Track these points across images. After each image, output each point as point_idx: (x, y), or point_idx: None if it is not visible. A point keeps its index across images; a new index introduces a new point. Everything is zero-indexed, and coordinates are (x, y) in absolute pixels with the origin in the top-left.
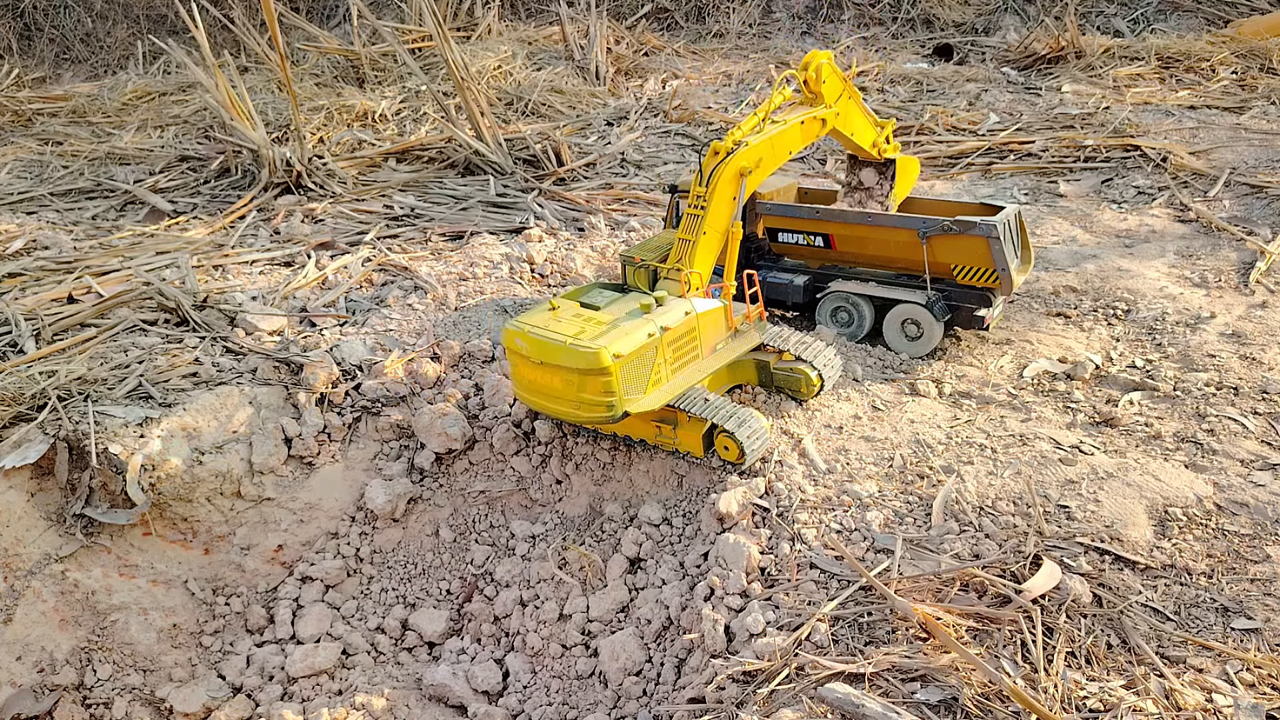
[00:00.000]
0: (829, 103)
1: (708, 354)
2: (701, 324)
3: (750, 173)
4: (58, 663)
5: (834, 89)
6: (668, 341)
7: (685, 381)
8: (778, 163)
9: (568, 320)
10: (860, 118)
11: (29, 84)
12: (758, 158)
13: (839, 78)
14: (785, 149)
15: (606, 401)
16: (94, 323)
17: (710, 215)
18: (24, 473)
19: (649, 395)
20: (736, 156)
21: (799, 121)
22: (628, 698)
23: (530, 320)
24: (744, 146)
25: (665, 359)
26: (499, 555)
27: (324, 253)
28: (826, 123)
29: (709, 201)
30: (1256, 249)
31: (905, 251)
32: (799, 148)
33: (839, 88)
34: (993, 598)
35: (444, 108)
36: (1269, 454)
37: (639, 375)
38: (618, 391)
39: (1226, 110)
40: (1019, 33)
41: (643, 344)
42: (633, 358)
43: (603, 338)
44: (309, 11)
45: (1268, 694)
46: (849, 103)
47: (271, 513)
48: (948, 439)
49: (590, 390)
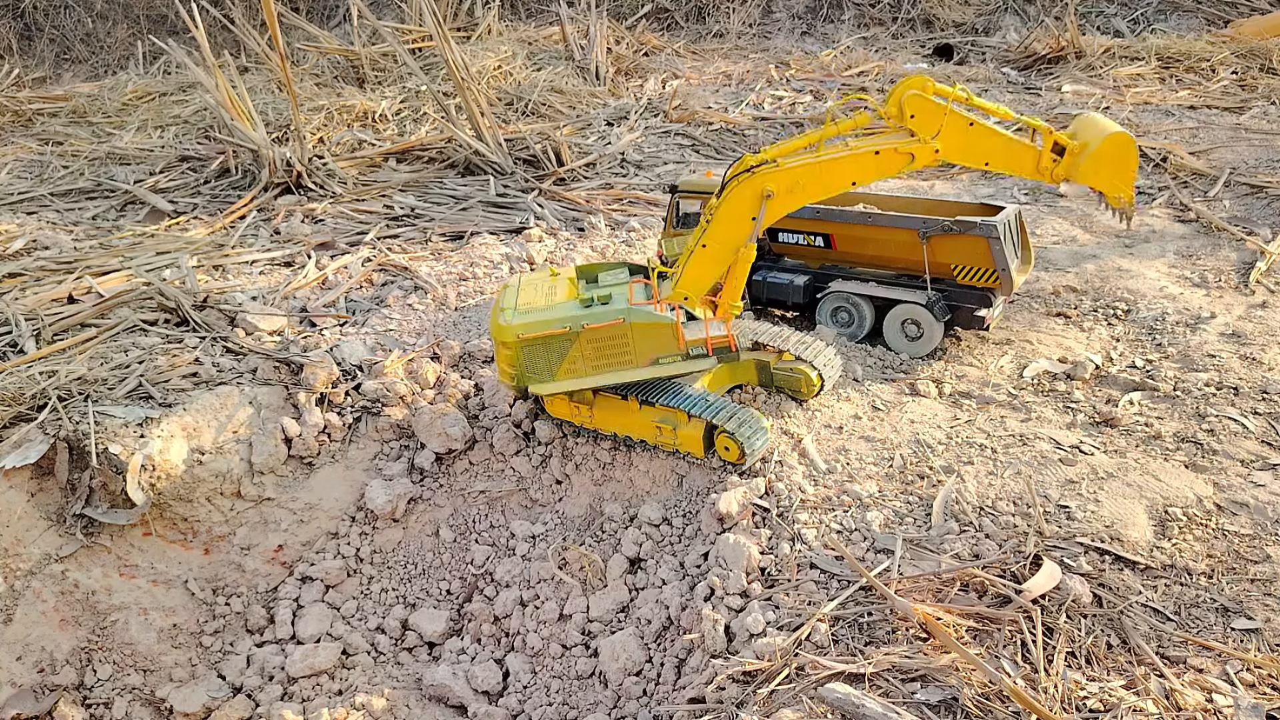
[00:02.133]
0: (925, 136)
1: (644, 364)
2: (635, 333)
3: (773, 197)
4: (58, 663)
5: (930, 121)
6: (588, 338)
7: (608, 379)
8: (827, 193)
9: (538, 289)
10: (991, 143)
11: (29, 84)
12: (792, 182)
13: (937, 110)
14: (840, 179)
15: (510, 373)
16: (94, 323)
17: (715, 229)
18: (24, 473)
19: (556, 381)
20: (761, 176)
21: (871, 151)
22: (628, 698)
23: (516, 280)
24: (774, 166)
25: (583, 353)
26: (499, 555)
27: (324, 253)
28: (918, 158)
29: (716, 213)
30: (1256, 249)
31: (905, 252)
32: (868, 179)
33: (937, 119)
34: (993, 598)
35: (444, 108)
36: (1269, 454)
37: (548, 360)
38: (519, 367)
39: (1226, 110)
40: (1019, 33)
41: (554, 332)
42: (539, 341)
43: (524, 315)
44: (309, 11)
45: (1268, 694)
46: (966, 132)
47: (271, 513)
48: (948, 439)
49: (501, 358)
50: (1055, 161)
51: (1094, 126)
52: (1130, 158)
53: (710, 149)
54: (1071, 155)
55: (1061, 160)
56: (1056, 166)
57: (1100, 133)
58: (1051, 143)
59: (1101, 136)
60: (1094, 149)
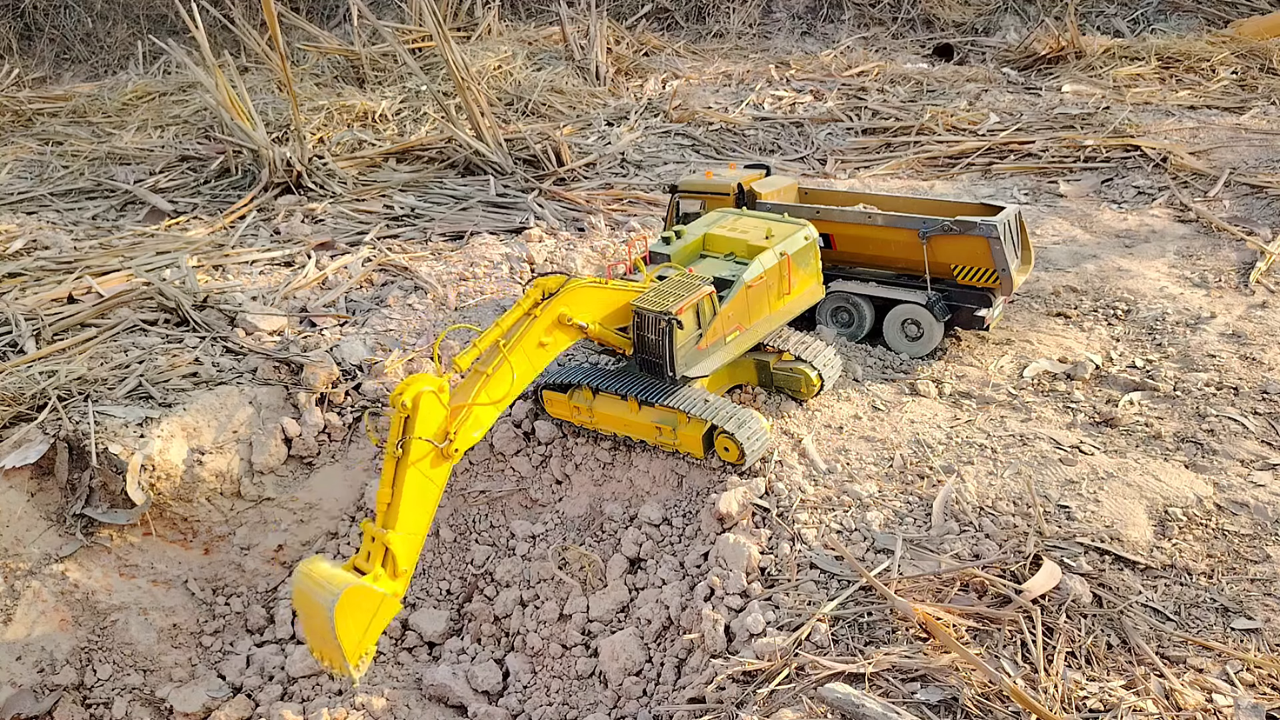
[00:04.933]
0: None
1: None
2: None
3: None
4: (58, 663)
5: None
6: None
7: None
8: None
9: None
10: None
11: (29, 84)
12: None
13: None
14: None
15: None
16: (94, 323)
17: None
18: (24, 473)
19: None
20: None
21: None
22: (628, 698)
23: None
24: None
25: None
26: (499, 555)
27: (324, 253)
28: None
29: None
30: (1256, 249)
31: (905, 252)
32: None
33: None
34: (993, 598)
35: (444, 108)
36: (1269, 454)
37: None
38: None
39: (1226, 110)
40: (1019, 33)
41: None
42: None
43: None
44: (309, 11)
45: (1268, 694)
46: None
47: (271, 512)
48: (948, 439)
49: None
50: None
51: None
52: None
53: (710, 149)
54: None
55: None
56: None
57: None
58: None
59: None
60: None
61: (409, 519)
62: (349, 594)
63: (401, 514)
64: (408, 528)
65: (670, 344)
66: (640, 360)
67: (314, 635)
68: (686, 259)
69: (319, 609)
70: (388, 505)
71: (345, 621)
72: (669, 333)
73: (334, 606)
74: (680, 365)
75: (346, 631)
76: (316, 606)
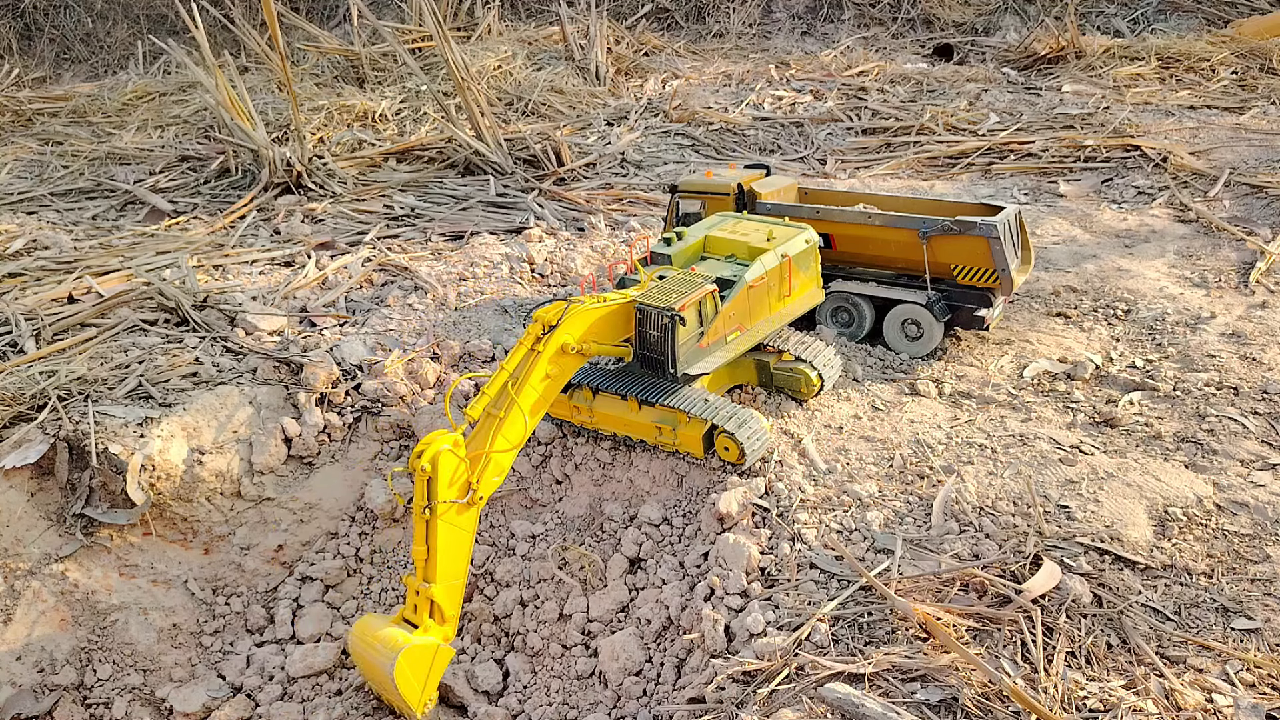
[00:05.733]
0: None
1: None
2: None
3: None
4: (58, 663)
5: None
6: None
7: None
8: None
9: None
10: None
11: (29, 84)
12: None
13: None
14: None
15: None
16: (94, 323)
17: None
18: (24, 473)
19: None
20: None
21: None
22: (628, 698)
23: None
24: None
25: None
26: (499, 555)
27: (324, 253)
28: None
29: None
30: (1256, 249)
31: (905, 251)
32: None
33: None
34: (993, 598)
35: (444, 108)
36: (1269, 454)
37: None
38: None
39: (1226, 110)
40: (1019, 33)
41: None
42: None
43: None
44: (309, 11)
45: (1268, 694)
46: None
47: (271, 512)
48: (948, 439)
49: None
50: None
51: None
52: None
53: (710, 149)
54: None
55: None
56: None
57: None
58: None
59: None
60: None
61: (447, 569)
62: (405, 656)
63: (440, 567)
64: (448, 578)
65: (672, 340)
66: (641, 357)
67: (378, 687)
68: (687, 260)
69: (379, 671)
70: (425, 560)
71: (406, 679)
72: (671, 329)
73: (393, 671)
74: (682, 362)
75: (409, 688)
76: (376, 669)
